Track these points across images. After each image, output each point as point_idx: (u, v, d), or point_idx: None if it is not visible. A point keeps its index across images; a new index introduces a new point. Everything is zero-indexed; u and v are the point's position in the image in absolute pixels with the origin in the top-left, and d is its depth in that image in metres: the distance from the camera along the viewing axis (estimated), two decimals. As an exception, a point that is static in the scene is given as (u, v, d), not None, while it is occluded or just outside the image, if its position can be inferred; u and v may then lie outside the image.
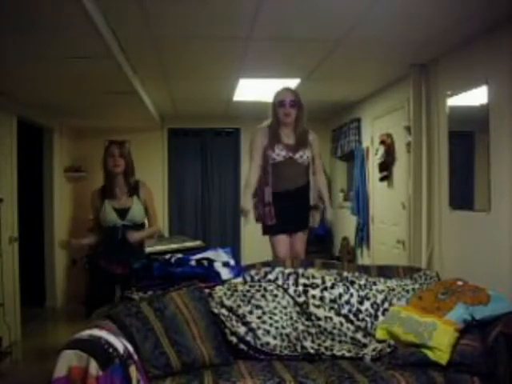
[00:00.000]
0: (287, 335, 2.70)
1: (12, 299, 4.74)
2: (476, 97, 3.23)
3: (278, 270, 3.05)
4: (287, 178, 3.47)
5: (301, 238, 3.57)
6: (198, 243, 5.48)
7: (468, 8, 2.76)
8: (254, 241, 4.19)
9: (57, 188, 6.10)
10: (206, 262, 3.08)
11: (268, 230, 3.53)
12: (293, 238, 3.55)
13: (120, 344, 2.18)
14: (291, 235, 3.54)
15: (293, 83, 4.53)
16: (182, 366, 2.45)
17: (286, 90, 3.56)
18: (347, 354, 2.68)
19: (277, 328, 2.70)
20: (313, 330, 2.79)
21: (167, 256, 3.21)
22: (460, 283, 2.91)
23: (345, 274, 3.11)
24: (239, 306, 2.75)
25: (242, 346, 2.64)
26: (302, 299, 2.88)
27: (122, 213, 3.59)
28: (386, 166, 4.70)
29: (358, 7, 2.75)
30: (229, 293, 2.83)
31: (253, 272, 3.05)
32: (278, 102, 3.46)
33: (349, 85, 4.82)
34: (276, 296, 2.85)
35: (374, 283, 3.08)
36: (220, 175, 7.00)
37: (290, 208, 3.47)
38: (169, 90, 4.92)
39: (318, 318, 2.83)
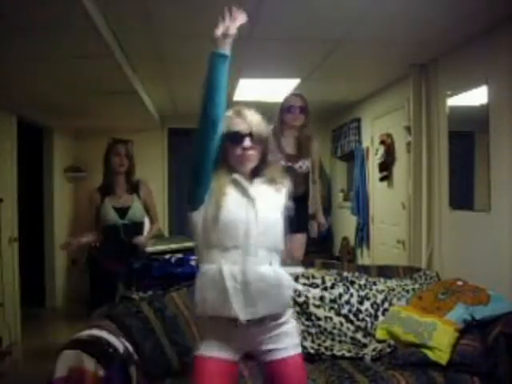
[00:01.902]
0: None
1: (12, 299, 4.74)
2: (476, 97, 3.23)
3: (277, 270, 3.05)
4: None
5: (298, 239, 3.56)
6: (198, 243, 5.49)
7: (468, 8, 2.76)
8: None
9: (57, 188, 6.10)
10: (206, 262, 3.08)
11: None
12: (290, 239, 3.54)
13: (120, 344, 2.19)
14: (289, 237, 3.54)
15: (293, 83, 4.53)
16: (182, 366, 2.45)
17: (296, 95, 3.53)
18: (347, 354, 2.68)
19: (277, 328, 2.70)
20: (313, 330, 2.80)
21: (167, 256, 3.22)
22: (460, 283, 2.91)
23: (345, 273, 3.12)
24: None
25: (242, 346, 2.64)
26: (301, 299, 2.89)
27: (122, 212, 3.58)
28: (386, 166, 4.70)
29: (358, 7, 2.75)
30: (229, 293, 2.83)
31: (253, 272, 3.04)
32: (287, 108, 3.42)
33: (349, 85, 4.82)
34: (276, 296, 2.85)
35: (374, 283, 3.08)
36: (220, 175, 6.99)
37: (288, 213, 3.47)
38: (169, 90, 4.92)
39: (318, 318, 2.84)
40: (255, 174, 1.87)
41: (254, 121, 1.86)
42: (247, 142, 1.80)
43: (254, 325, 1.76)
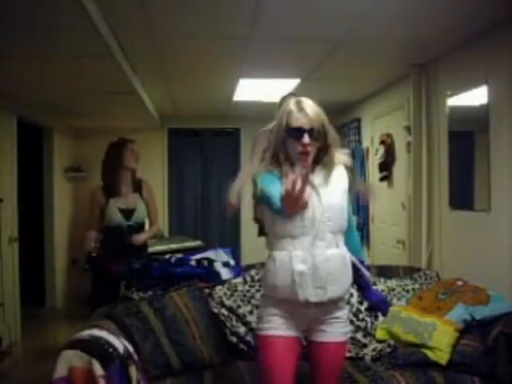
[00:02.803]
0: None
1: (12, 299, 4.74)
2: (476, 97, 3.23)
3: (278, 269, 3.05)
4: None
5: None
6: (197, 243, 5.50)
7: (468, 8, 2.76)
8: (253, 241, 4.18)
9: (57, 188, 6.10)
10: (205, 262, 3.08)
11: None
12: None
13: (120, 344, 2.18)
14: None
15: (293, 83, 4.53)
16: (182, 365, 2.45)
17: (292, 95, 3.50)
18: (347, 354, 2.67)
19: (277, 328, 2.70)
20: (313, 330, 2.79)
21: (167, 256, 3.22)
22: (460, 283, 2.91)
23: (345, 273, 3.11)
24: (239, 306, 2.75)
25: (241, 345, 2.64)
26: (302, 299, 2.88)
27: (128, 214, 3.58)
28: (386, 166, 4.70)
29: (358, 7, 2.75)
30: (229, 293, 2.83)
31: (253, 272, 3.05)
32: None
33: (349, 85, 4.82)
34: (276, 296, 2.85)
35: (374, 283, 3.08)
36: (220, 175, 7.00)
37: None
38: (169, 89, 4.92)
39: (318, 318, 2.83)
40: (316, 161, 1.93)
41: (313, 116, 1.89)
42: (306, 139, 1.85)
43: (318, 306, 1.87)
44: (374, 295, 2.15)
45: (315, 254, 1.83)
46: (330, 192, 1.90)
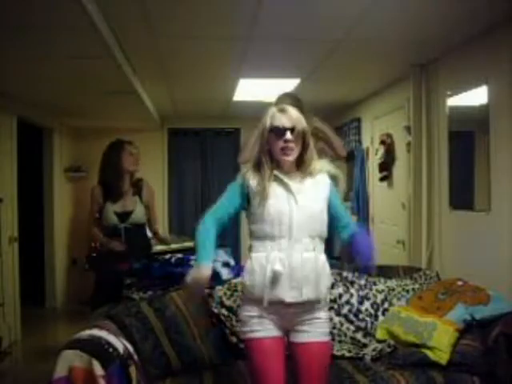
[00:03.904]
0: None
1: (12, 299, 4.74)
2: (476, 97, 3.23)
3: (277, 269, 3.05)
4: None
5: None
6: (198, 243, 5.48)
7: (468, 8, 2.76)
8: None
9: (57, 188, 6.10)
10: (206, 262, 3.07)
11: None
12: None
13: (120, 344, 2.18)
14: None
15: (293, 83, 4.53)
16: (182, 365, 2.45)
17: (286, 95, 3.45)
18: (347, 354, 2.68)
19: (277, 328, 2.70)
20: (313, 330, 2.79)
21: (167, 256, 3.22)
22: (460, 283, 2.91)
23: (345, 274, 3.11)
24: (239, 306, 2.75)
25: (241, 345, 2.63)
26: (302, 299, 2.88)
27: (124, 216, 3.56)
28: (386, 166, 4.70)
29: (358, 7, 2.75)
30: (229, 293, 2.83)
31: (253, 272, 3.04)
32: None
33: (349, 85, 4.82)
34: (276, 296, 2.85)
35: (374, 283, 3.08)
36: (220, 175, 7.00)
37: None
38: (169, 90, 4.92)
39: (318, 318, 2.83)
40: (298, 166, 2.03)
41: (295, 117, 2.00)
42: (288, 135, 1.96)
43: (295, 306, 1.94)
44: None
45: (292, 255, 1.91)
46: (308, 198, 1.98)
